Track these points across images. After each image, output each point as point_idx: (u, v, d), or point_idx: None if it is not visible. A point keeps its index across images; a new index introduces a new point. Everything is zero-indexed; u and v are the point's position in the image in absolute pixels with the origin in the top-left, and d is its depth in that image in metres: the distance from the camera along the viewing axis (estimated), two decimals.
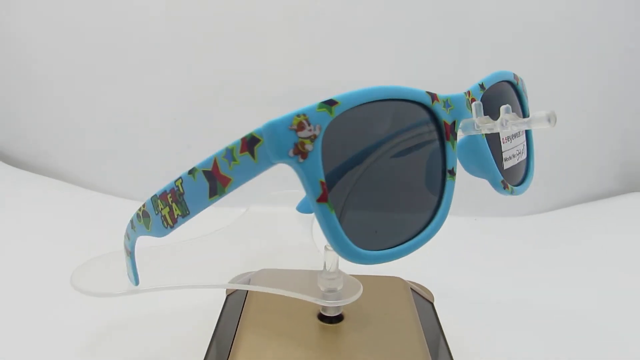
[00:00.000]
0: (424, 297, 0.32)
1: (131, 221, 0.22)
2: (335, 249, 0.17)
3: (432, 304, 0.32)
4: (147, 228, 0.20)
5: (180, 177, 0.18)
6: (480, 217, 0.56)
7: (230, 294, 0.32)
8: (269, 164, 0.16)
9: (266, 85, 0.54)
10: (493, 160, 0.23)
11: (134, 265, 0.26)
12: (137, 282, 0.26)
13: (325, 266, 0.26)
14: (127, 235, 0.24)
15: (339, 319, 0.27)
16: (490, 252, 0.49)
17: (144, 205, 0.21)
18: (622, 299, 0.39)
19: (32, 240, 0.46)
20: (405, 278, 0.33)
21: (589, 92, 0.54)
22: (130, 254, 0.25)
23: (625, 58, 0.54)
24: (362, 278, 0.28)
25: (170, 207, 0.19)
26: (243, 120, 0.56)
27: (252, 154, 0.16)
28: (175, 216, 0.19)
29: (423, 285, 0.34)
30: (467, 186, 0.55)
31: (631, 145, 0.57)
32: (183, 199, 0.18)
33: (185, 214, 0.18)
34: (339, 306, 0.26)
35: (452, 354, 0.28)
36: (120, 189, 0.58)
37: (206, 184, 0.17)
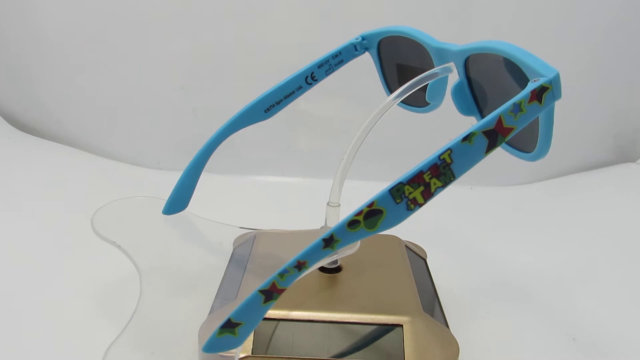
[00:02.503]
0: (417, 254, 0.34)
1: (324, 240, 0.20)
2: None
3: (424, 260, 0.34)
4: (372, 228, 0.20)
5: (448, 149, 0.19)
6: (475, 186, 0.58)
7: (237, 246, 0.34)
8: (550, 105, 0.20)
9: (271, 54, 0.56)
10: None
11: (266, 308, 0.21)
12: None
13: (326, 222, 0.29)
14: (300, 266, 0.21)
15: (337, 269, 0.29)
16: (485, 218, 0.51)
17: (369, 206, 0.19)
18: (612, 265, 0.41)
19: (44, 203, 0.48)
20: (402, 238, 0.35)
21: (582, 66, 0.55)
22: (276, 295, 0.21)
23: (618, 31, 0.54)
24: None
25: (426, 185, 0.20)
26: (250, 88, 0.57)
27: (540, 100, 0.20)
28: (433, 190, 0.20)
29: (417, 244, 0.37)
30: None
31: (624, 118, 0.59)
32: (449, 169, 0.20)
33: (448, 181, 0.20)
34: (335, 258, 0.29)
35: (442, 304, 0.30)
36: (131, 156, 0.60)
37: (485, 142, 0.20)
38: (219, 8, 0.54)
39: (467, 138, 0.19)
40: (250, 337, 0.25)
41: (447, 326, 0.28)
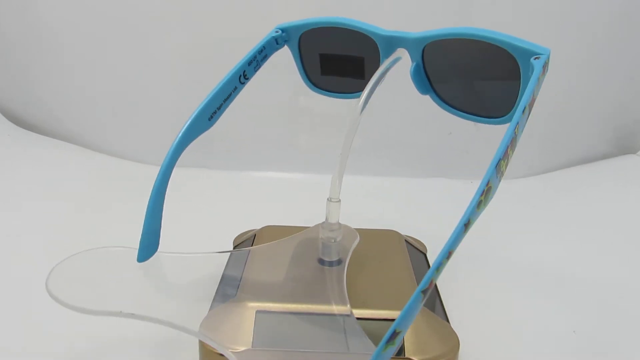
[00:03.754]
0: (417, 249, 0.34)
1: (465, 225, 0.21)
2: None
3: (424, 254, 0.34)
4: (486, 204, 0.22)
5: (517, 123, 0.21)
6: (476, 180, 0.58)
7: (238, 244, 0.34)
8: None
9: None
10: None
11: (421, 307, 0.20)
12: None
13: (327, 218, 0.29)
14: (449, 255, 0.21)
15: (337, 263, 0.29)
16: (485, 212, 0.51)
17: (487, 185, 0.21)
18: (614, 258, 0.41)
19: (45, 200, 0.48)
20: (402, 232, 0.35)
21: (582, 58, 0.55)
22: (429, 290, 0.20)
23: (618, 23, 0.54)
24: (361, 231, 0.31)
25: (507, 158, 0.22)
26: (250, 85, 0.57)
27: (544, 73, 0.23)
28: (509, 160, 0.22)
29: (417, 238, 0.37)
30: (463, 150, 0.57)
31: (624, 110, 0.58)
32: (516, 140, 0.22)
33: (514, 149, 0.22)
34: (338, 251, 0.29)
35: (442, 298, 0.30)
36: (131, 153, 0.60)
37: (527, 112, 0.22)
38: (218, 7, 0.54)
39: (523, 112, 0.22)
40: (250, 331, 0.25)
41: (448, 320, 0.28)
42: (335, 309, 0.26)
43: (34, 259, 0.38)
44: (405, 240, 0.34)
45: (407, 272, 0.30)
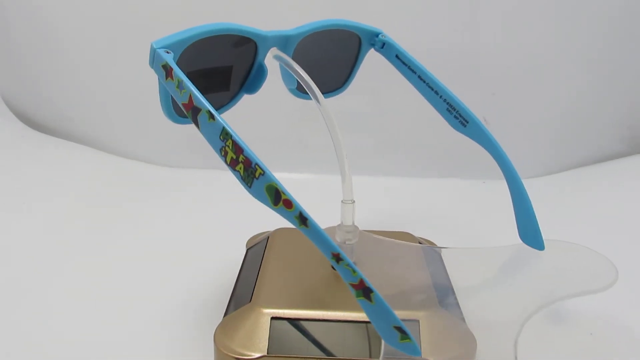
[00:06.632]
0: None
1: None
2: None
3: (439, 254, 0.34)
4: None
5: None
6: (488, 180, 0.57)
7: (250, 248, 0.34)
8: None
9: None
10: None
11: None
12: None
13: (342, 220, 0.28)
14: None
15: None
16: (498, 212, 0.50)
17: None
18: (629, 259, 0.41)
19: (56, 200, 0.48)
20: (414, 234, 0.35)
21: (595, 56, 0.55)
22: None
23: (632, 19, 0.53)
24: (374, 232, 0.31)
25: None
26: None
27: None
28: None
29: (430, 240, 0.37)
30: (475, 150, 0.56)
31: (638, 108, 0.58)
32: None
33: None
34: (353, 254, 0.28)
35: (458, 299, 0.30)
36: (141, 153, 0.60)
37: None
38: (219, 8, 0.54)
39: None
40: (266, 337, 0.25)
41: (464, 321, 0.28)
42: (352, 315, 0.26)
43: (45, 259, 0.38)
44: (419, 242, 0.34)
45: (422, 273, 0.29)
